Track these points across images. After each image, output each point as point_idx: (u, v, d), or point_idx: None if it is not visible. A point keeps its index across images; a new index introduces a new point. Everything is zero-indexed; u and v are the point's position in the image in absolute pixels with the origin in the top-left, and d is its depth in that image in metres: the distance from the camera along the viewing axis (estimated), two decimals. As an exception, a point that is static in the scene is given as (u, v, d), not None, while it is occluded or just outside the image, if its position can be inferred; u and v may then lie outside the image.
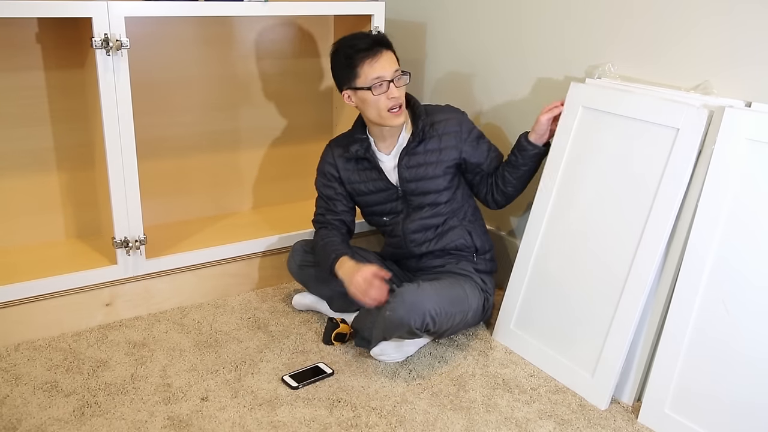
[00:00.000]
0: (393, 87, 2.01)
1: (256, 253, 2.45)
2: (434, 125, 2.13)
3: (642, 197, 1.83)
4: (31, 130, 2.24)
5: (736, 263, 1.66)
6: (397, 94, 2.02)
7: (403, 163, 2.12)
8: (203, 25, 2.45)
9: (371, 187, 2.18)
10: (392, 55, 2.04)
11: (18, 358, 2.02)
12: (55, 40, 2.20)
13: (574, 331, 1.97)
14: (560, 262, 2.03)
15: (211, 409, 1.82)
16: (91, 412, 1.79)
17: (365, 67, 2.00)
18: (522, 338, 2.11)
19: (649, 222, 1.80)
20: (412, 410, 1.84)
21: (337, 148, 2.22)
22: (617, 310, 1.85)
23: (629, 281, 1.83)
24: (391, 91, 2.01)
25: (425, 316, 1.91)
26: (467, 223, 2.20)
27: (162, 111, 2.45)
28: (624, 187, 1.88)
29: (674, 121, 1.77)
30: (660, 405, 1.78)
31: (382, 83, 1.99)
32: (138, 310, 2.27)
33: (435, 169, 2.12)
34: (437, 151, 2.12)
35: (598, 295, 1.91)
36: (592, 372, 1.90)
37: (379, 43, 2.02)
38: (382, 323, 1.95)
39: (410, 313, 1.90)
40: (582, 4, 2.11)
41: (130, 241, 2.17)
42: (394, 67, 2.01)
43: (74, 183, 2.36)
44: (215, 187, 2.66)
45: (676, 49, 1.88)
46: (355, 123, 2.21)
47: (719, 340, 1.69)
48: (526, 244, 2.12)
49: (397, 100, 2.02)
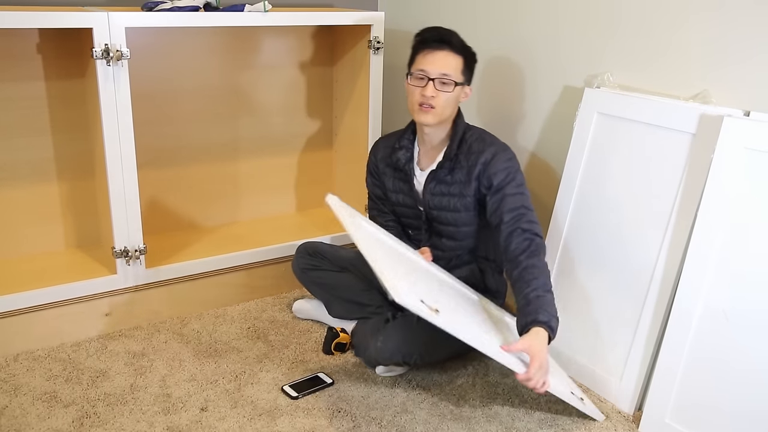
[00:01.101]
0: (431, 85, 1.92)
1: (256, 263, 2.45)
2: (470, 154, 1.98)
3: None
4: (31, 140, 2.25)
5: (737, 272, 1.66)
6: (429, 94, 1.92)
7: (429, 187, 2.05)
8: (203, 35, 2.46)
9: (401, 199, 2.14)
10: (452, 58, 1.93)
11: (17, 368, 2.02)
12: (56, 50, 2.20)
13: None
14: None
15: (210, 420, 1.81)
16: (91, 423, 1.78)
17: (419, 57, 1.96)
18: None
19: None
20: (412, 420, 1.84)
21: (383, 149, 2.16)
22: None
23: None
24: (427, 88, 1.92)
25: (414, 353, 1.92)
26: (482, 260, 2.11)
27: (162, 121, 2.46)
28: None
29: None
30: (660, 414, 1.78)
31: (423, 77, 1.93)
32: (137, 320, 2.27)
33: (457, 202, 2.00)
34: (462, 184, 1.98)
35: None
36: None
37: (444, 41, 1.94)
38: (373, 353, 1.95)
39: (401, 348, 1.91)
40: (581, 15, 2.12)
41: (130, 250, 2.17)
42: (444, 70, 1.92)
43: (74, 193, 2.36)
44: (215, 196, 2.66)
45: (675, 58, 1.89)
46: (410, 123, 2.12)
47: (720, 349, 1.68)
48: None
49: (427, 99, 1.92)
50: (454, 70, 1.94)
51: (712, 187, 1.70)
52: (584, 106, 2.03)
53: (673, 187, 1.80)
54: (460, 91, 1.98)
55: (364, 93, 2.55)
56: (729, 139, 1.67)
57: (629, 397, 1.89)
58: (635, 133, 1.90)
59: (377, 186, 2.21)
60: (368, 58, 2.48)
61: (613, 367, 1.94)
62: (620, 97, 1.94)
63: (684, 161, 1.78)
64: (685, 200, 1.77)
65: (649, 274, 1.84)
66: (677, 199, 1.79)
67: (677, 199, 1.79)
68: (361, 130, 2.61)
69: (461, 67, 1.96)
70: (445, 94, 1.94)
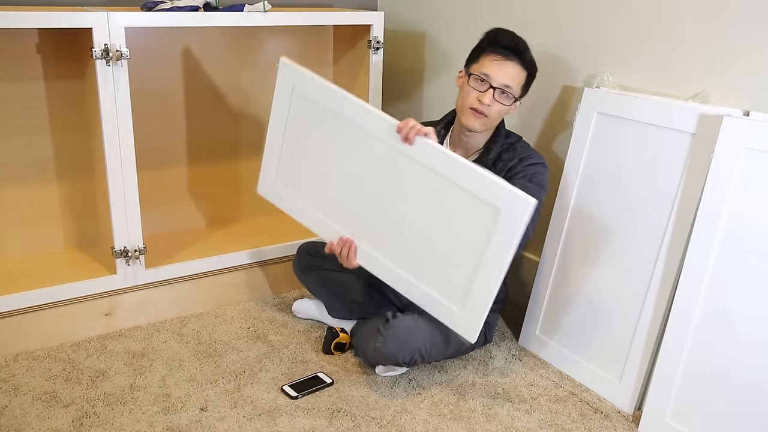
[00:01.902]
0: (490, 93, 1.86)
1: (255, 263, 2.45)
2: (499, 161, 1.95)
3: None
4: (31, 140, 2.25)
5: (736, 272, 1.66)
6: (487, 101, 1.87)
7: None
8: (203, 35, 2.46)
9: None
10: (518, 72, 1.88)
11: (17, 368, 2.02)
12: (56, 50, 2.20)
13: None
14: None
15: (210, 420, 1.81)
16: (90, 423, 1.78)
17: (486, 60, 1.88)
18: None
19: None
20: (412, 420, 1.84)
21: None
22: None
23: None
24: (486, 96, 1.87)
25: (414, 353, 1.90)
26: None
27: (162, 121, 2.46)
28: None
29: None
30: (660, 414, 1.78)
31: (485, 82, 1.87)
32: (137, 320, 2.27)
33: None
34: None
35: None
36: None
37: (516, 52, 1.88)
38: (372, 353, 1.94)
39: (400, 349, 1.89)
40: (580, 14, 2.12)
41: (130, 250, 2.17)
42: (507, 82, 1.87)
43: (74, 193, 2.36)
44: (215, 196, 2.66)
45: (675, 58, 1.89)
46: (445, 117, 2.08)
47: (720, 349, 1.68)
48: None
49: (481, 106, 1.87)
50: (518, 85, 1.89)
51: (711, 187, 1.70)
52: (584, 105, 2.03)
53: (673, 187, 1.81)
54: (514, 105, 1.93)
55: (363, 93, 2.55)
56: (729, 139, 1.67)
57: (629, 397, 1.89)
58: (635, 133, 1.90)
59: None
60: (368, 58, 2.48)
61: (612, 367, 1.94)
62: (620, 97, 1.94)
63: (684, 161, 1.78)
64: (685, 200, 1.77)
65: (648, 273, 1.85)
66: (677, 199, 1.79)
67: (677, 199, 1.79)
68: (360, 130, 2.61)
69: (524, 82, 1.91)
70: (500, 106, 1.89)
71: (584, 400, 1.94)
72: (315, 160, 1.91)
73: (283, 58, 1.91)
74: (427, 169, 1.71)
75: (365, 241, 1.87)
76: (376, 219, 1.83)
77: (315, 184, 1.93)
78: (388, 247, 1.83)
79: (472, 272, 1.71)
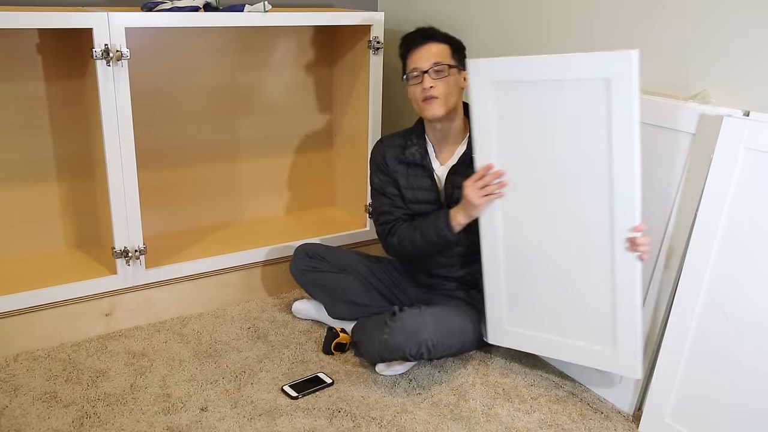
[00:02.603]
0: (427, 77, 1.95)
1: (255, 263, 2.45)
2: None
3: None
4: (31, 140, 2.25)
5: (736, 271, 1.66)
6: (428, 85, 1.95)
7: (449, 181, 2.05)
8: (203, 35, 2.46)
9: (418, 195, 2.11)
10: (437, 48, 1.98)
11: (17, 368, 2.02)
12: (56, 50, 2.21)
13: (578, 311, 1.89)
14: (541, 248, 1.90)
15: (210, 420, 1.81)
16: (90, 423, 1.78)
17: (409, 59, 2.02)
18: (521, 334, 2.01)
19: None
20: (412, 420, 1.84)
21: (391, 149, 2.13)
22: (615, 276, 1.78)
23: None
24: (425, 81, 1.96)
25: (421, 345, 1.89)
26: None
27: (162, 121, 2.46)
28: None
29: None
30: (660, 414, 1.78)
31: (418, 74, 1.97)
32: (138, 320, 2.27)
33: None
34: None
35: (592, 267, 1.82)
36: (613, 343, 1.84)
37: (425, 35, 2.00)
38: (378, 346, 1.94)
39: (407, 341, 1.88)
40: (578, 14, 2.12)
41: (130, 250, 2.17)
42: (434, 60, 1.96)
43: (74, 193, 2.36)
44: (215, 196, 2.66)
45: (674, 58, 1.89)
46: (416, 123, 2.15)
47: (719, 349, 1.68)
48: (488, 243, 1.98)
49: (428, 91, 1.95)
50: (444, 57, 1.99)
51: (711, 186, 1.70)
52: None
53: (673, 188, 1.80)
54: (458, 75, 2.00)
55: (363, 93, 2.55)
56: (729, 139, 1.67)
57: (629, 397, 1.89)
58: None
59: (390, 183, 2.14)
60: (368, 59, 2.48)
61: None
62: None
63: (684, 161, 1.78)
64: (685, 200, 1.77)
65: (648, 273, 1.84)
66: (677, 200, 1.79)
67: (677, 200, 1.79)
68: (360, 131, 2.62)
69: (449, 53, 2.01)
70: (443, 81, 1.97)
71: (584, 401, 1.94)
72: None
73: (469, 60, 1.85)
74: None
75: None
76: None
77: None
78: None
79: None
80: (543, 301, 1.94)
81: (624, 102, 1.65)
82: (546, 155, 1.81)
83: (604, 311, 1.83)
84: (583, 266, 1.84)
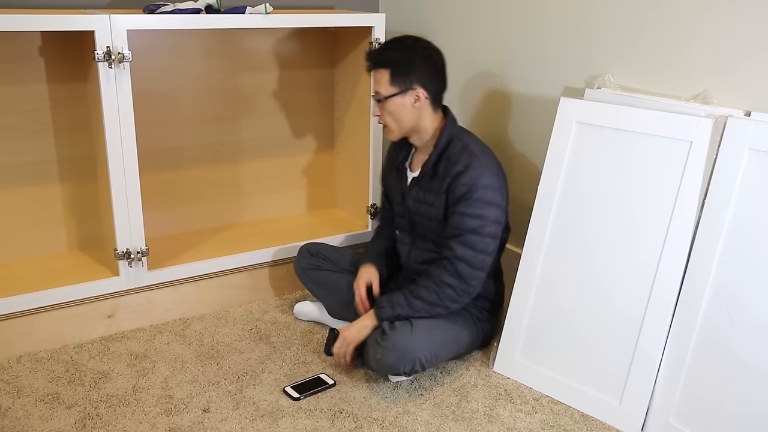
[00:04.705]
0: (376, 105, 2.00)
1: (257, 264, 2.45)
2: (449, 165, 1.95)
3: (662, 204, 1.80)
4: (33, 142, 2.25)
5: (740, 272, 1.66)
6: (375, 114, 2.01)
7: (412, 192, 2.05)
8: (205, 37, 2.46)
9: (396, 198, 2.15)
10: (378, 75, 1.95)
11: (20, 370, 2.02)
12: (58, 53, 2.21)
13: (594, 357, 1.89)
14: (569, 286, 1.94)
15: (212, 421, 1.81)
16: (93, 424, 1.79)
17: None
18: (531, 369, 2.00)
19: (669, 237, 1.77)
20: (414, 421, 1.84)
21: (392, 146, 2.17)
22: (642, 329, 1.80)
23: (656, 282, 1.80)
24: (374, 109, 2.02)
25: (415, 363, 1.88)
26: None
27: (164, 123, 2.47)
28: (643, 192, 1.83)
29: (687, 134, 1.75)
30: (665, 415, 1.78)
31: (375, 98, 2.01)
32: (140, 322, 2.27)
33: (436, 211, 1.99)
34: (437, 194, 1.97)
35: (618, 315, 1.85)
36: (620, 398, 1.84)
37: (370, 59, 1.99)
38: (374, 364, 1.92)
39: (400, 361, 1.86)
40: (581, 15, 2.12)
41: (132, 252, 2.17)
42: (375, 89, 1.98)
43: (76, 195, 2.37)
44: (217, 198, 2.66)
45: (675, 58, 1.89)
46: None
47: (724, 350, 1.68)
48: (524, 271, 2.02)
49: (378, 119, 2.01)
50: (382, 86, 1.95)
51: (715, 188, 1.70)
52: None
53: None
54: (403, 98, 1.94)
55: (365, 94, 2.55)
56: (732, 140, 1.67)
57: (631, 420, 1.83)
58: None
59: (385, 180, 2.25)
60: (369, 60, 2.48)
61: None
62: (621, 97, 1.94)
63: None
64: (687, 202, 1.76)
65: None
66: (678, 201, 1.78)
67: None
68: (362, 132, 2.62)
69: (388, 79, 1.93)
70: (385, 110, 1.97)
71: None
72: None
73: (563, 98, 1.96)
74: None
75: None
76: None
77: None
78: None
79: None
80: (564, 338, 1.95)
81: (698, 165, 1.73)
82: (612, 200, 1.88)
83: (623, 363, 1.84)
84: (615, 315, 1.87)
